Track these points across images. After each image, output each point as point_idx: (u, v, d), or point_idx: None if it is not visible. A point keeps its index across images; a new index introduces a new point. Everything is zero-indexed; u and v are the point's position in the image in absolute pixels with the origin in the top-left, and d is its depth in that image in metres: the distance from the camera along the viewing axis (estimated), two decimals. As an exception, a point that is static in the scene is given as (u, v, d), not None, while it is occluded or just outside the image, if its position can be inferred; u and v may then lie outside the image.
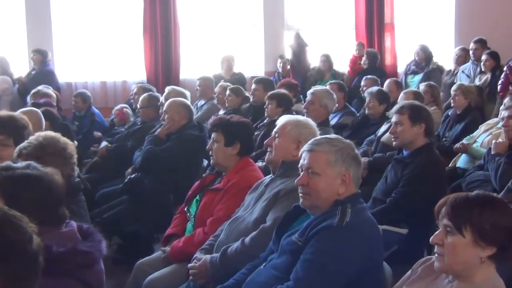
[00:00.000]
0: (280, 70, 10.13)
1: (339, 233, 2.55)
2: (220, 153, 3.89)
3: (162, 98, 6.33)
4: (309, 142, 2.85)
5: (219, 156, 3.90)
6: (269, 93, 6.41)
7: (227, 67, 9.89)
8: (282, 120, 3.62)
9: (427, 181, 4.02)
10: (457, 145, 5.92)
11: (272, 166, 3.55)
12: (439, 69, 9.45)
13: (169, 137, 5.30)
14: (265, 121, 6.35)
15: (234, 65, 9.97)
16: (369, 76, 8.10)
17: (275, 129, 3.60)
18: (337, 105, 6.12)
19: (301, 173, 2.80)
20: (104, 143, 6.70)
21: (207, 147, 4.04)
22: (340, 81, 7.94)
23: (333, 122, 6.93)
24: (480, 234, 2.15)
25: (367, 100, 6.50)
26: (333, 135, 2.93)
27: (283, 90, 6.52)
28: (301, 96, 7.93)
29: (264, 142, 3.71)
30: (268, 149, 3.62)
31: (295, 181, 2.82)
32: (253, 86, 7.33)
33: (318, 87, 6.09)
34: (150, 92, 6.85)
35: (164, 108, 5.42)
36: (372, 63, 9.71)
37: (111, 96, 10.05)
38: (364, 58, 9.75)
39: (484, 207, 2.18)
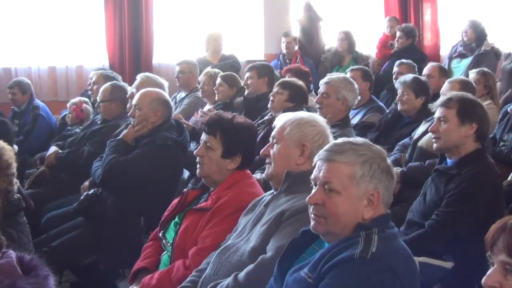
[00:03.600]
0: (284, 51, 10.14)
1: (363, 267, 2.55)
2: (214, 165, 3.91)
3: (131, 89, 6.32)
4: (327, 147, 2.83)
5: (212, 169, 3.92)
6: (282, 80, 6.44)
7: (214, 48, 9.88)
8: (279, 120, 3.62)
9: (478, 199, 4.04)
10: (517, 152, 5.94)
11: (273, 183, 3.55)
12: (495, 52, 9.44)
13: (139, 141, 5.27)
14: (266, 117, 6.35)
15: (223, 45, 9.98)
16: (404, 61, 8.09)
17: (272, 134, 3.60)
18: (359, 97, 6.12)
19: (315, 188, 2.79)
20: (53, 148, 6.66)
21: (194, 152, 4.02)
22: (365, 67, 7.95)
23: (355, 120, 6.94)
24: None
25: (399, 91, 6.50)
26: (359, 139, 2.89)
27: (300, 82, 6.55)
28: (312, 86, 7.94)
29: (260, 153, 3.69)
30: (267, 161, 3.62)
31: (307, 198, 2.81)
32: (246, 74, 7.36)
33: (334, 75, 6.10)
34: (114, 81, 6.84)
35: (134, 102, 5.36)
36: (408, 43, 9.71)
37: (62, 86, 10.06)
38: (398, 35, 9.73)
39: None
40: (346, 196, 2.71)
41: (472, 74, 7.24)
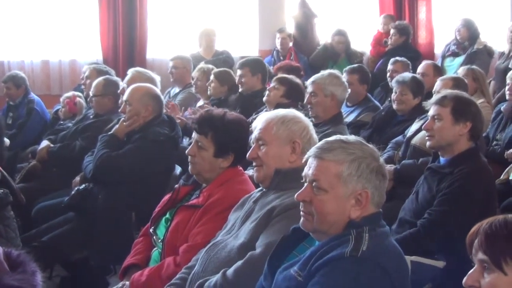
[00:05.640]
0: (279, 47, 10.12)
1: (353, 266, 2.54)
2: (206, 164, 3.89)
3: (123, 84, 6.31)
4: (319, 144, 2.82)
5: (204, 168, 3.90)
6: (280, 75, 6.44)
7: (207, 44, 9.88)
8: (261, 121, 3.56)
9: (470, 199, 4.04)
10: (510, 151, 5.91)
11: (264, 185, 3.52)
12: (487, 51, 9.42)
13: (131, 136, 5.27)
14: (261, 112, 6.34)
15: (216, 41, 9.97)
16: (399, 59, 8.07)
17: (255, 135, 3.56)
18: (349, 90, 6.05)
19: (304, 185, 2.78)
20: (44, 143, 6.67)
21: (186, 152, 4.00)
22: (361, 66, 7.90)
23: (349, 119, 6.94)
24: None
25: (396, 90, 6.47)
26: (351, 137, 2.86)
27: (298, 79, 6.58)
28: (306, 82, 7.93)
29: (247, 156, 3.65)
30: (254, 164, 3.59)
31: (295, 195, 2.80)
32: (238, 71, 7.35)
33: (319, 73, 6.07)
34: (107, 76, 6.83)
35: (125, 97, 5.36)
36: (402, 40, 9.70)
37: (55, 80, 10.04)
38: (392, 33, 9.73)
39: None
40: (333, 195, 2.70)
41: (460, 71, 7.25)
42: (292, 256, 2.87)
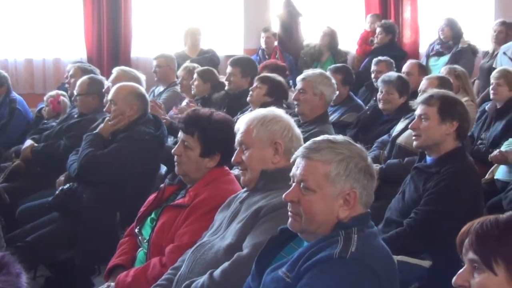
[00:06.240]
0: (264, 46, 10.12)
1: (342, 267, 2.53)
2: (192, 164, 3.87)
3: (107, 83, 6.29)
4: (307, 144, 2.81)
5: (190, 168, 3.88)
6: (262, 74, 6.45)
7: (192, 42, 9.86)
8: (242, 123, 3.53)
9: (457, 198, 4.05)
10: (494, 153, 5.91)
11: (250, 188, 3.49)
12: (472, 50, 9.48)
13: (116, 136, 5.25)
14: (247, 112, 6.34)
15: (201, 40, 9.95)
16: (381, 58, 8.08)
17: (238, 139, 3.53)
18: (337, 92, 6.08)
19: (292, 185, 2.77)
20: (28, 142, 6.62)
21: (172, 151, 3.97)
22: (346, 66, 7.90)
23: (332, 118, 6.94)
24: None
25: (382, 90, 6.47)
26: (339, 137, 2.85)
27: (280, 77, 6.58)
28: (291, 81, 7.94)
29: (232, 161, 3.62)
30: (240, 169, 3.58)
31: (283, 195, 2.79)
32: (228, 69, 7.32)
33: (310, 71, 6.08)
34: (92, 75, 6.81)
35: (110, 96, 5.35)
36: (388, 38, 9.72)
37: (39, 78, 9.98)
38: (378, 31, 9.75)
39: None
40: (321, 195, 2.69)
41: (442, 70, 7.33)
42: (280, 257, 2.85)
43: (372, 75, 7.96)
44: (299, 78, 5.91)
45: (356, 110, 7.16)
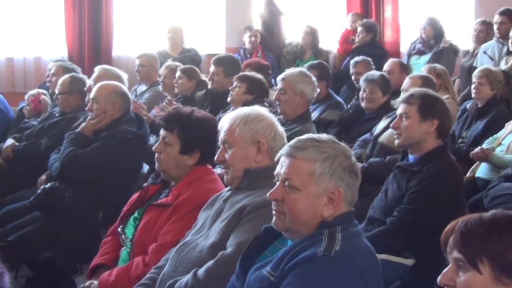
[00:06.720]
0: (249, 46, 10.09)
1: (327, 266, 2.53)
2: (172, 161, 3.87)
3: (89, 81, 6.26)
4: (291, 143, 2.80)
5: (169, 165, 3.88)
6: (241, 74, 6.45)
7: (174, 41, 9.83)
8: (225, 122, 3.53)
9: (439, 197, 4.06)
10: (475, 150, 5.95)
11: (233, 186, 3.49)
12: (453, 49, 9.52)
13: (98, 134, 5.24)
14: (229, 111, 6.33)
15: (183, 38, 9.94)
16: (358, 59, 8.06)
17: (221, 138, 3.53)
18: (318, 89, 6.06)
19: (277, 184, 2.76)
20: (9, 141, 6.60)
21: (153, 148, 3.98)
22: (323, 63, 7.92)
23: (313, 116, 6.93)
24: (502, 267, 2.13)
25: (365, 89, 6.48)
26: (323, 136, 2.85)
27: (259, 75, 6.58)
28: (273, 80, 7.93)
29: (215, 160, 3.62)
30: (223, 167, 3.57)
31: (268, 194, 2.79)
32: (212, 68, 7.31)
33: (290, 70, 6.08)
34: (73, 73, 6.78)
35: (92, 95, 5.35)
36: (369, 38, 9.75)
37: (20, 77, 9.89)
38: (359, 30, 9.78)
39: (505, 230, 2.16)
40: (305, 194, 2.69)
41: (423, 68, 7.34)
42: (264, 256, 2.85)
43: (353, 77, 7.98)
44: (279, 78, 5.90)
45: (336, 107, 7.18)
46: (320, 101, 7.14)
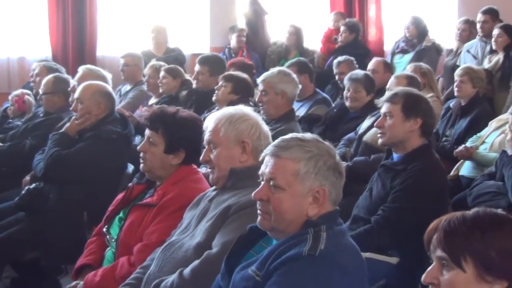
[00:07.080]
0: (236, 45, 10.07)
1: (312, 265, 2.52)
2: (156, 161, 3.86)
3: (73, 82, 6.25)
4: (275, 142, 2.80)
5: (154, 164, 3.87)
6: (226, 73, 6.46)
7: (158, 41, 9.82)
8: (210, 122, 3.52)
9: (423, 195, 4.07)
10: (459, 148, 5.98)
11: (218, 186, 3.48)
12: (436, 48, 9.54)
13: (82, 135, 5.22)
14: (214, 110, 6.33)
15: (168, 38, 9.93)
16: (341, 59, 8.06)
17: (206, 138, 3.52)
18: (300, 86, 6.02)
19: (262, 184, 2.76)
20: (-7, 141, 6.57)
21: (138, 148, 3.97)
22: (302, 60, 7.92)
23: (300, 113, 6.99)
24: (485, 266, 2.14)
25: (349, 88, 6.49)
26: (307, 135, 2.85)
27: (244, 75, 6.58)
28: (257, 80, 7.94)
29: (200, 160, 3.62)
30: (209, 167, 3.56)
31: (253, 194, 2.78)
32: (197, 67, 7.31)
33: (270, 71, 6.07)
34: (57, 74, 6.76)
35: (76, 95, 5.33)
36: (352, 37, 9.77)
37: (4, 77, 9.86)
38: (342, 30, 9.79)
39: (487, 228, 2.17)
40: (290, 193, 2.68)
41: (408, 67, 7.38)
42: (249, 256, 2.84)
43: (336, 77, 7.99)
44: (259, 80, 5.89)
45: (323, 102, 7.23)
46: (307, 98, 7.16)
